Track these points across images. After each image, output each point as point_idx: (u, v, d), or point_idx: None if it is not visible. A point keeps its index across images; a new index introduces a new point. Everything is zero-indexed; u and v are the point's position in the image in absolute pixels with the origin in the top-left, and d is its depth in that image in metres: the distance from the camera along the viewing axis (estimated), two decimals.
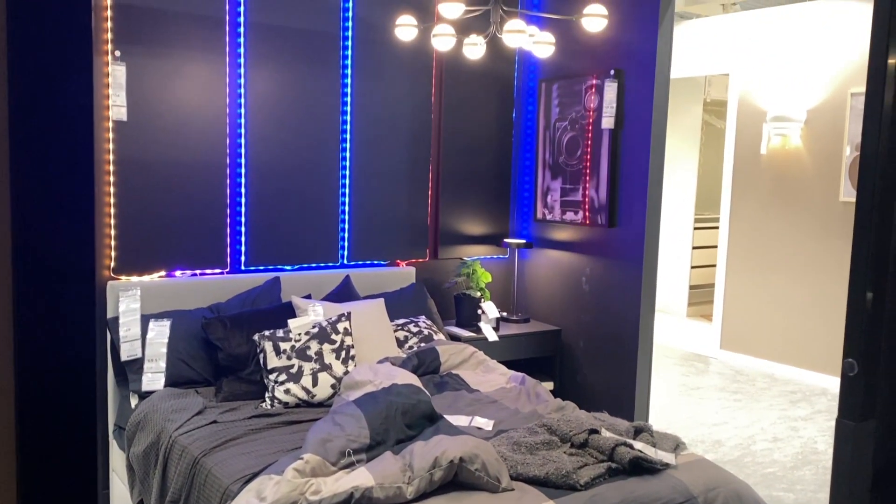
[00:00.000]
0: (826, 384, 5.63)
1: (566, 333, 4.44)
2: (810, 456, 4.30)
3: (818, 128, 5.71)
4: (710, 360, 6.44)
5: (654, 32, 3.88)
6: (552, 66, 4.42)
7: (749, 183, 6.20)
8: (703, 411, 5.09)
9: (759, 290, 6.16)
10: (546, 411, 3.01)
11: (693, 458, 2.71)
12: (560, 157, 4.42)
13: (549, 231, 4.55)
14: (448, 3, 3.07)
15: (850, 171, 5.49)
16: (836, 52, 5.58)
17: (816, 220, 5.74)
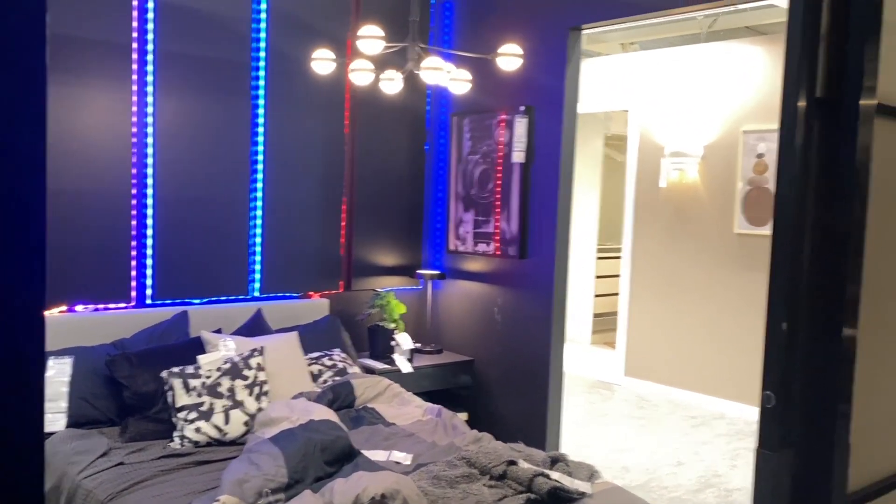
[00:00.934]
0: (724, 409, 5.88)
1: (479, 363, 4.47)
2: (712, 479, 4.46)
3: (713, 163, 6.01)
4: (614, 387, 6.61)
5: (562, 71, 4.01)
6: (464, 100, 4.50)
7: (649, 215, 6.45)
8: (611, 438, 5.21)
9: (660, 317, 6.40)
10: (463, 443, 3.01)
11: (608, 486, 2.77)
12: (472, 190, 4.49)
13: (462, 262, 4.60)
14: (367, 40, 3.09)
15: (743, 205, 5.80)
16: (728, 92, 5.91)
17: (713, 251, 6.02)
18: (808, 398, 1.33)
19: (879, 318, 1.43)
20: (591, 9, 3.90)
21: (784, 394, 1.32)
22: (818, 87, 1.33)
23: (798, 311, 1.33)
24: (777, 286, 1.33)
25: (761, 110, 5.70)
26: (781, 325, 1.33)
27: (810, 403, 1.34)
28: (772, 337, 1.33)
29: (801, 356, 1.34)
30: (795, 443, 1.32)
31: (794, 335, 1.33)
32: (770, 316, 1.33)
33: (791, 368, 1.33)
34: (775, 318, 1.33)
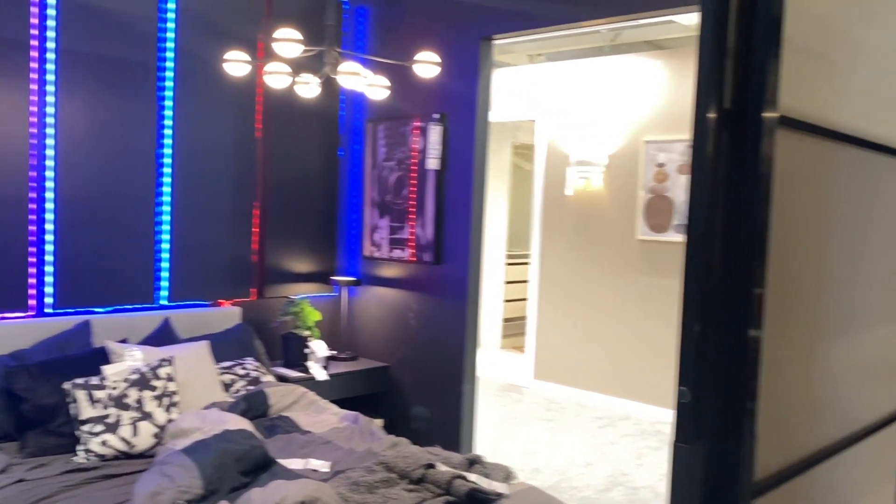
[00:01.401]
0: (630, 409, 6.08)
1: (395, 369, 4.48)
2: (619, 478, 4.61)
3: (617, 172, 6.23)
4: (524, 390, 6.73)
5: (475, 79, 4.08)
6: (379, 106, 4.51)
7: (556, 221, 6.62)
8: (521, 440, 5.30)
9: (567, 321, 6.56)
10: (381, 449, 3.01)
11: (524, 487, 2.83)
12: (387, 196, 4.50)
13: (377, 268, 4.59)
14: (285, 43, 3.06)
15: (645, 212, 6.03)
16: (630, 104, 6.14)
17: (617, 257, 6.23)
18: (719, 394, 1.41)
19: (783, 319, 1.52)
20: (503, 20, 3.99)
21: (698, 390, 1.39)
22: (726, 99, 1.41)
23: (709, 314, 1.41)
24: (690, 290, 1.40)
25: (661, 121, 5.95)
26: (694, 327, 1.40)
27: (721, 399, 1.41)
28: (686, 337, 1.40)
29: (712, 355, 1.41)
30: (708, 435, 1.40)
31: (705, 336, 1.40)
32: (684, 318, 1.40)
33: (704, 367, 1.40)
34: (689, 319, 1.40)
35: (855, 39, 1.72)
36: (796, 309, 1.58)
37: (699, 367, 1.40)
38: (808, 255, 1.61)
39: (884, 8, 1.86)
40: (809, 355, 1.66)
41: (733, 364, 1.41)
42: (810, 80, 1.56)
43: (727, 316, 1.42)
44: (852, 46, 1.71)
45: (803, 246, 1.59)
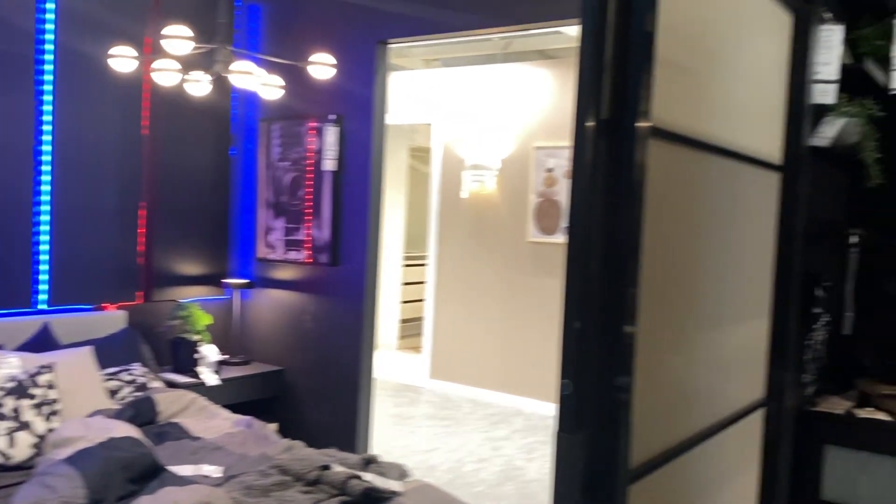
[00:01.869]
0: (521, 405, 6.24)
1: (289, 373, 4.44)
2: (511, 472, 4.74)
3: (509, 176, 6.39)
4: (420, 390, 6.80)
5: (371, 82, 4.11)
6: (273, 106, 4.46)
7: (452, 224, 6.72)
8: (417, 439, 5.36)
9: (462, 321, 6.67)
10: (276, 452, 3.00)
11: (418, 485, 2.88)
12: (282, 197, 4.46)
13: (272, 270, 4.54)
14: (174, 40, 2.99)
15: (535, 215, 6.21)
16: (522, 110, 6.31)
17: (509, 258, 6.39)
18: (598, 386, 1.50)
19: (656, 315, 1.63)
20: (398, 24, 4.03)
21: (578, 382, 1.48)
22: (603, 109, 1.50)
23: (589, 311, 1.49)
24: (571, 289, 1.49)
25: (550, 128, 6.15)
26: (575, 324, 1.49)
27: (600, 390, 1.50)
28: (567, 334, 1.48)
29: (592, 350, 1.50)
30: (588, 425, 1.49)
31: (585, 332, 1.49)
32: (565, 315, 1.49)
33: (584, 361, 1.49)
34: (570, 317, 1.49)
35: (720, 57, 1.86)
36: (668, 306, 1.70)
37: (580, 361, 1.49)
38: (678, 256, 1.73)
39: (745, 29, 2.01)
40: (681, 349, 1.79)
41: (611, 358, 1.51)
42: (680, 93, 1.68)
43: (605, 313, 1.51)
44: (717, 63, 1.85)
45: (674, 247, 1.71)
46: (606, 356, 1.51)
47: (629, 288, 1.50)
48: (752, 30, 2.04)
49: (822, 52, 2.38)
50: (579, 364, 1.48)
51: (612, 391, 1.50)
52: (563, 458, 1.46)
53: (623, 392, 1.49)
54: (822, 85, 2.39)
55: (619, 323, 1.50)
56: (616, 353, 1.50)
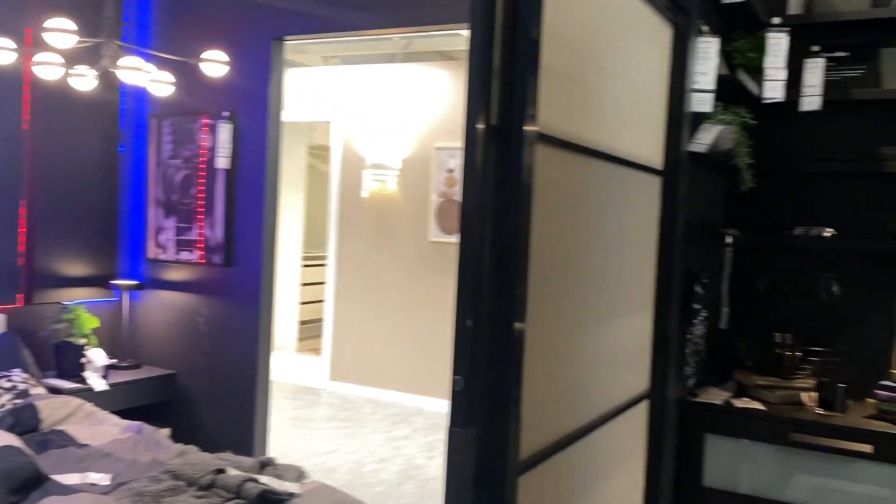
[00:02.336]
0: (422, 404, 6.29)
1: (182, 376, 4.33)
2: (412, 471, 4.77)
3: (410, 176, 6.42)
4: (320, 392, 6.74)
5: (266, 79, 4.05)
6: (164, 102, 4.33)
7: (353, 223, 6.70)
8: (316, 441, 5.32)
9: (364, 322, 6.66)
10: (168, 458, 2.92)
11: (316, 485, 2.87)
12: (173, 195, 4.33)
13: (163, 271, 4.41)
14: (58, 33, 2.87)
15: (436, 215, 6.27)
16: (422, 110, 6.36)
17: (410, 258, 6.42)
18: (489, 382, 1.55)
19: (545, 312, 1.70)
20: (294, 21, 3.99)
21: (470, 379, 1.52)
22: (493, 115, 1.55)
23: (480, 309, 1.54)
24: (463, 288, 1.53)
25: (451, 129, 6.22)
26: (467, 322, 1.53)
27: (491, 386, 1.55)
28: (459, 331, 1.52)
29: (484, 346, 1.55)
30: (479, 420, 1.53)
31: (477, 329, 1.54)
32: (457, 314, 1.53)
33: (476, 357, 1.54)
34: (462, 315, 1.53)
35: (605, 66, 1.95)
36: (557, 303, 1.77)
37: (472, 358, 1.53)
38: (567, 256, 1.80)
39: (629, 39, 2.11)
40: (569, 344, 1.86)
41: (502, 354, 1.56)
42: (566, 100, 1.75)
43: (496, 311, 1.56)
44: (602, 72, 1.94)
45: (562, 247, 1.78)
46: (497, 352, 1.56)
47: (519, 286, 1.55)
48: (635, 40, 2.15)
49: (699, 63, 2.53)
50: (471, 361, 1.52)
51: (502, 386, 1.55)
52: (454, 452, 1.50)
53: (513, 387, 1.55)
54: (700, 94, 2.53)
55: (510, 320, 1.55)
56: (506, 350, 1.55)
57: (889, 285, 2.86)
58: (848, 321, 2.92)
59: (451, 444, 1.50)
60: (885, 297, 2.87)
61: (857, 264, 2.91)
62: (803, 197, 3.01)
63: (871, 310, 2.89)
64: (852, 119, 2.93)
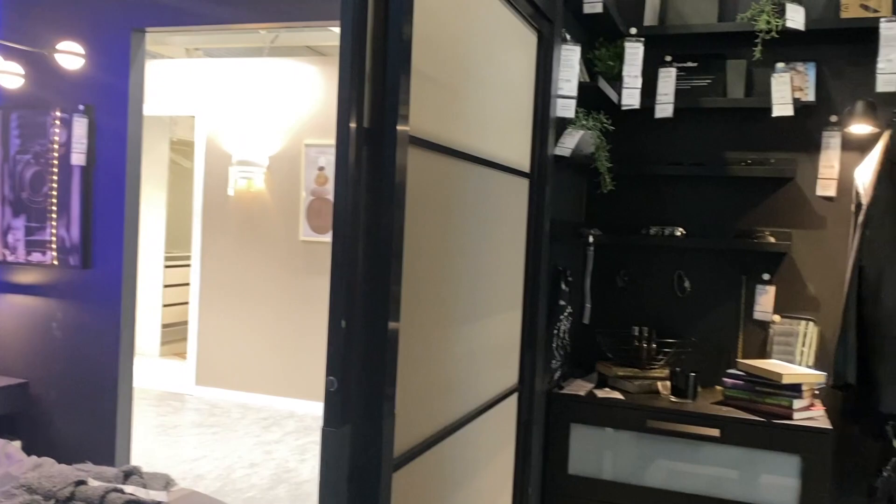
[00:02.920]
0: (294, 407, 6.20)
1: (35, 385, 4.06)
2: (283, 475, 4.70)
3: (279, 173, 6.31)
4: (185, 398, 6.51)
5: (126, 71, 3.87)
6: (12, 94, 4.04)
7: (219, 222, 6.50)
8: (183, 448, 5.14)
9: (232, 324, 6.48)
10: (21, 471, 2.74)
11: (184, 493, 2.78)
12: (23, 193, 4.06)
13: (12, 274, 4.12)
14: None
15: (307, 214, 6.19)
16: (291, 106, 6.26)
17: (281, 258, 6.31)
18: (363, 381, 1.56)
19: (418, 311, 1.73)
20: (155, 12, 3.83)
21: (344, 378, 1.53)
22: (365, 116, 1.57)
23: (354, 309, 1.55)
24: (336, 288, 1.54)
25: (321, 126, 6.16)
26: (341, 322, 1.54)
27: (366, 385, 1.57)
28: (333, 332, 1.53)
29: (358, 346, 1.56)
30: (354, 419, 1.54)
31: (351, 329, 1.55)
32: (331, 314, 1.53)
33: (350, 357, 1.55)
34: (335, 315, 1.54)
35: (475, 71, 2.01)
36: (431, 302, 1.80)
37: (346, 358, 1.54)
38: (439, 256, 1.84)
39: (497, 45, 2.18)
40: (443, 342, 1.91)
41: (376, 353, 1.57)
42: (437, 104, 1.79)
43: (370, 310, 1.58)
44: (473, 77, 1.99)
45: (435, 248, 1.82)
46: (371, 352, 1.57)
47: (393, 286, 1.58)
48: (502, 47, 2.22)
49: (563, 70, 2.64)
50: (345, 361, 1.53)
51: (376, 385, 1.57)
52: (328, 452, 1.51)
53: (387, 385, 1.57)
54: (564, 100, 2.65)
55: (384, 320, 1.57)
56: (380, 349, 1.57)
57: (734, 281, 3.10)
58: (698, 314, 3.14)
59: (325, 444, 1.51)
60: (730, 292, 3.10)
61: (705, 261, 3.14)
62: (658, 198, 3.20)
63: (719, 303, 3.12)
64: (701, 126, 3.15)
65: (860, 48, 2.89)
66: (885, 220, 2.64)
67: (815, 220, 3.00)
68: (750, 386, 2.72)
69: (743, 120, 3.08)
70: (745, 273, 3.08)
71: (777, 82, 2.90)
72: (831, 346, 2.94)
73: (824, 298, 2.98)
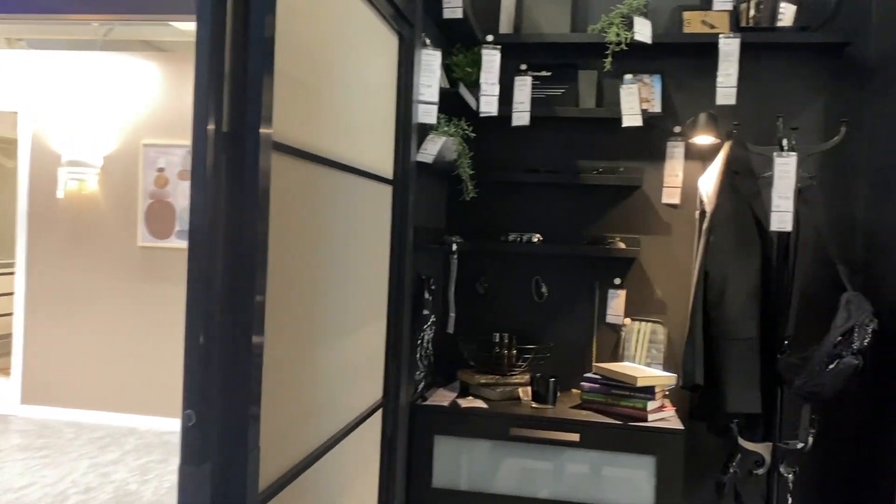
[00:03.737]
0: (134, 423, 5.79)
1: None
2: (124, 498, 4.37)
3: (114, 175, 5.87)
4: (10, 419, 5.92)
5: None
6: None
7: (47, 227, 5.97)
8: (8, 476, 4.66)
9: (63, 336, 5.97)
10: None
11: None
12: None
13: None
14: None
15: (146, 218, 5.80)
16: (127, 104, 5.84)
17: (117, 265, 5.88)
18: (225, 409, 1.43)
19: (282, 328, 1.62)
20: None
21: (203, 409, 1.39)
22: (224, 120, 1.44)
23: (213, 324, 1.42)
24: (194, 301, 1.40)
25: (161, 125, 5.80)
26: (199, 339, 1.40)
27: (227, 414, 1.44)
28: (190, 350, 1.39)
29: (219, 367, 1.43)
30: (213, 455, 1.41)
31: (211, 347, 1.41)
32: (188, 331, 1.39)
33: (209, 380, 1.41)
34: (193, 332, 1.40)
35: (338, 74, 1.91)
36: (295, 317, 1.69)
37: (205, 382, 1.40)
38: (303, 266, 1.73)
39: (359, 48, 2.10)
40: (309, 358, 1.80)
41: (239, 373, 1.45)
42: (300, 107, 1.68)
43: (232, 324, 1.45)
44: (336, 80, 1.90)
45: (300, 256, 1.71)
46: (233, 372, 1.45)
47: (257, 296, 1.46)
48: (365, 49, 2.14)
49: (424, 75, 2.60)
50: (204, 385, 1.40)
51: (239, 413, 1.45)
52: (187, 494, 1.37)
53: (252, 405, 1.45)
54: (426, 105, 2.61)
55: (247, 334, 1.45)
56: (244, 368, 1.45)
57: (588, 286, 3.18)
58: (556, 319, 3.20)
59: (183, 485, 1.37)
60: (585, 297, 3.18)
61: (561, 267, 3.20)
62: (517, 205, 3.23)
63: (574, 308, 3.19)
64: (557, 134, 3.21)
65: (702, 62, 3.05)
66: (727, 226, 2.79)
67: (662, 226, 3.14)
68: (606, 389, 2.79)
69: (595, 129, 3.17)
70: (598, 278, 3.16)
71: (626, 93, 3.00)
72: (678, 348, 3.08)
73: (671, 301, 3.12)
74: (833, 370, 2.55)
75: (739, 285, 2.76)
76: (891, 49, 2.83)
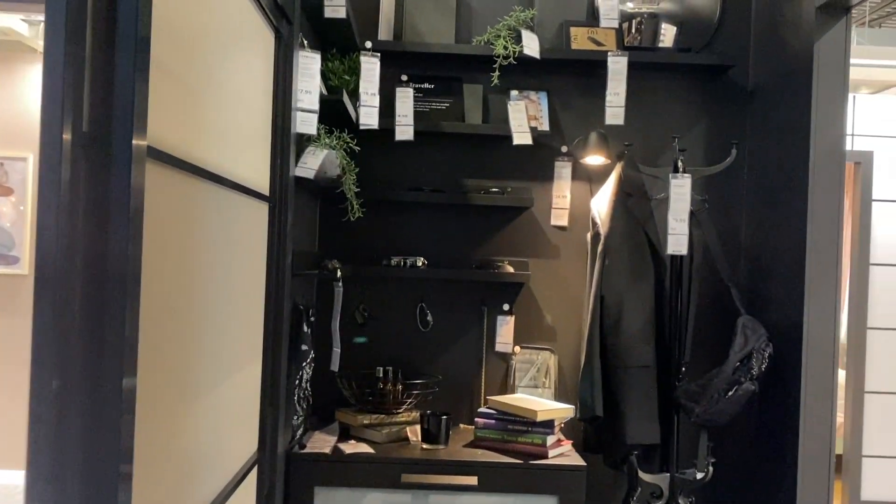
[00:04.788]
0: None
1: None
2: None
3: None
4: None
5: None
6: None
7: None
8: None
9: None
10: None
11: None
12: None
13: None
14: None
15: None
16: None
17: None
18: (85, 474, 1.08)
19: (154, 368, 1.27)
20: None
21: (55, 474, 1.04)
22: (84, 121, 1.10)
23: (70, 364, 1.09)
24: (43, 338, 1.07)
25: None
26: (52, 383, 1.07)
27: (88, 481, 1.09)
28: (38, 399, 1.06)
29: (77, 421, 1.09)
30: None
31: (66, 392, 1.09)
32: (36, 373, 1.06)
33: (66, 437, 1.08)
34: (43, 375, 1.07)
35: (214, 72, 1.59)
36: (165, 361, 1.35)
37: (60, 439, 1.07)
38: (176, 295, 1.39)
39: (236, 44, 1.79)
40: (184, 405, 1.45)
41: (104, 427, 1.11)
42: (175, 107, 1.35)
43: (95, 365, 1.11)
44: (211, 78, 1.58)
45: (172, 287, 1.36)
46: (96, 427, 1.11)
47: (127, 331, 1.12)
48: (242, 45, 1.82)
49: (303, 80, 2.30)
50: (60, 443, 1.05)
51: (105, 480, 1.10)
52: None
53: (123, 462, 1.12)
54: (305, 114, 2.30)
55: (116, 376, 1.11)
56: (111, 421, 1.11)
57: (476, 312, 2.97)
58: (442, 349, 2.96)
59: None
60: (473, 324, 2.97)
61: (447, 293, 2.97)
62: (401, 227, 2.98)
63: (462, 336, 2.97)
64: (442, 151, 2.99)
65: (589, 80, 2.95)
66: (622, 249, 2.69)
67: (550, 249, 3.00)
68: (502, 425, 2.58)
69: (482, 146, 2.99)
70: (485, 304, 2.97)
71: (514, 110, 2.84)
72: (569, 377, 2.94)
73: (561, 328, 2.98)
74: (732, 397, 2.48)
75: (636, 311, 2.65)
76: (767, 74, 2.86)
